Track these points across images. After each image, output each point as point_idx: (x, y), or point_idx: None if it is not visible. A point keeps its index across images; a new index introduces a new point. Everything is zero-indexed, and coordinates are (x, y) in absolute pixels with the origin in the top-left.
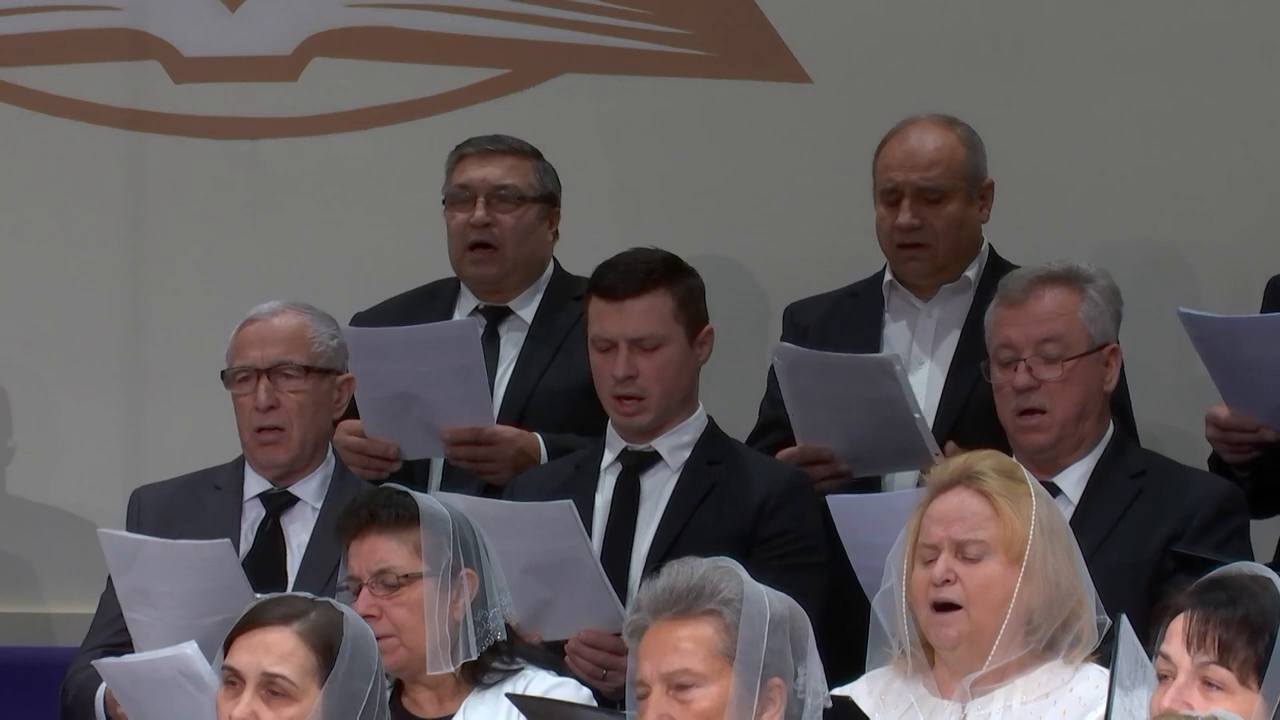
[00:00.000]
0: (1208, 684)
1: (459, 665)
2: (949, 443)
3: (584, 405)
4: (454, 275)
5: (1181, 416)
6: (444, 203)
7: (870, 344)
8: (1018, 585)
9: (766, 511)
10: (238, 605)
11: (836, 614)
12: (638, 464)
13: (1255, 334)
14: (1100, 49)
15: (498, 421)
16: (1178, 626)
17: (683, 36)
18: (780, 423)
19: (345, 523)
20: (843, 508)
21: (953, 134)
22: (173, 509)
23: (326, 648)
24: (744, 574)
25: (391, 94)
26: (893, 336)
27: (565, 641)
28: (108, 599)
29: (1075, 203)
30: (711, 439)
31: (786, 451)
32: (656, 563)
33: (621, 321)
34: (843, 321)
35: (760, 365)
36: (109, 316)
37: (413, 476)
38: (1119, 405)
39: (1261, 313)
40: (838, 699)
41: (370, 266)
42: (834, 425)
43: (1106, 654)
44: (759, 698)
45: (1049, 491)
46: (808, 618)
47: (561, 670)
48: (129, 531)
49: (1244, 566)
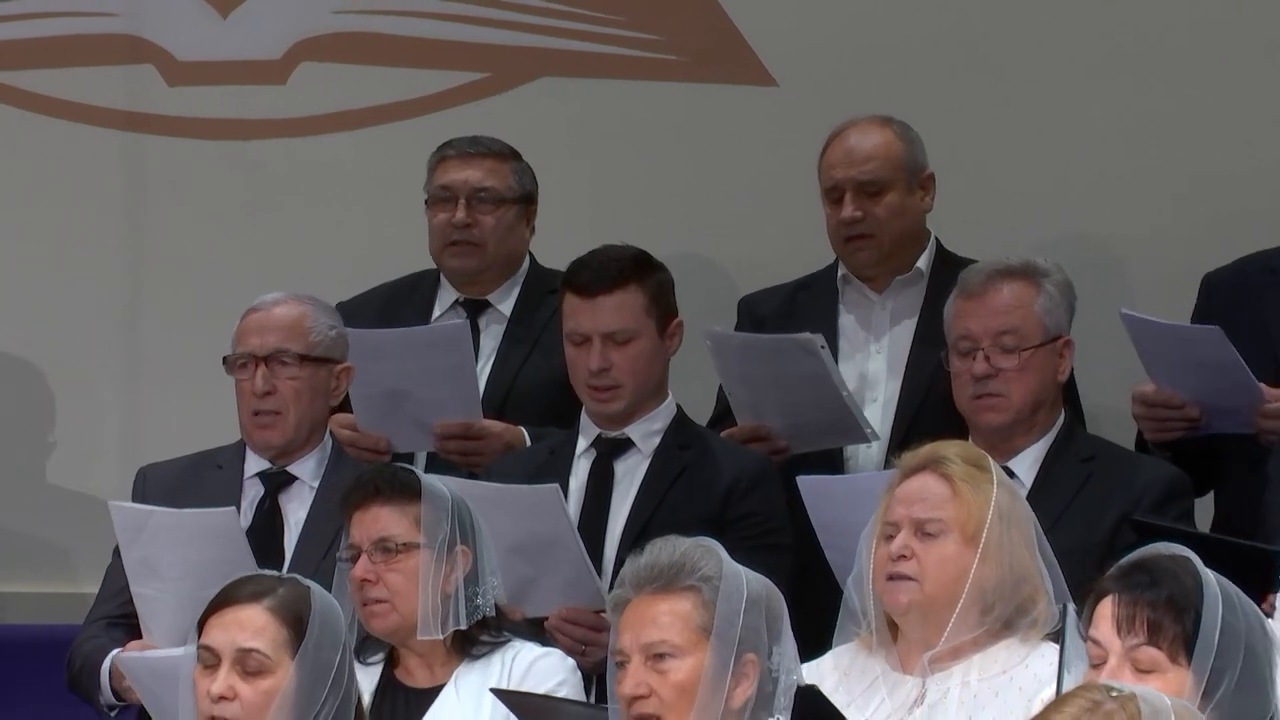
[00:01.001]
0: (1138, 666)
1: (448, 634)
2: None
3: (562, 397)
4: (434, 268)
5: (1124, 400)
6: (426, 201)
7: (826, 335)
8: (973, 565)
9: (735, 494)
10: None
11: (802, 593)
12: (611, 449)
13: (1195, 341)
14: (1055, 53)
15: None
16: (1105, 611)
17: (653, 42)
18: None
19: (351, 495)
20: (812, 488)
21: (888, 130)
22: (177, 486)
23: (297, 621)
24: (724, 554)
25: (376, 96)
26: (847, 328)
27: (545, 618)
28: (113, 571)
29: (1028, 199)
30: (681, 425)
31: (729, 431)
32: (630, 543)
33: (595, 317)
34: (798, 312)
35: None
36: (109, 309)
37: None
38: (1068, 391)
39: (1195, 308)
40: (804, 688)
41: (356, 259)
42: (770, 404)
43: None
44: (733, 672)
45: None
46: (783, 599)
47: (547, 644)
48: None
49: (1161, 548)
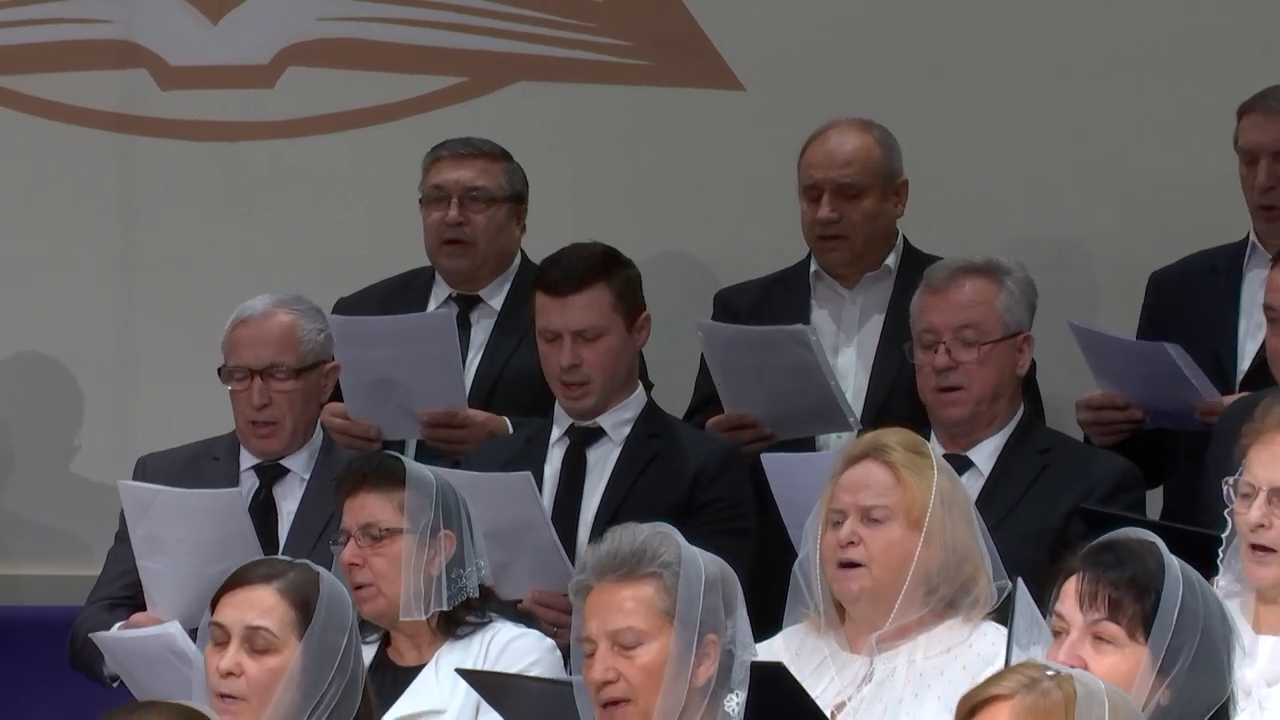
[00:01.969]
0: (1099, 639)
1: (430, 616)
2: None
3: (548, 388)
4: (429, 265)
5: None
6: (420, 200)
7: None
8: (918, 548)
9: (702, 481)
10: (244, 553)
11: (763, 575)
12: (584, 438)
13: (1139, 354)
14: (1017, 57)
15: (469, 404)
16: (1070, 587)
17: (626, 48)
18: (714, 398)
19: (341, 483)
20: (775, 466)
21: (869, 135)
22: (176, 475)
23: (304, 604)
24: (681, 539)
25: (360, 100)
26: (819, 322)
27: (519, 600)
28: (114, 555)
29: (992, 199)
30: (651, 415)
31: (715, 419)
32: (602, 528)
33: (565, 315)
34: (772, 307)
35: (696, 347)
36: (105, 303)
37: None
38: (1029, 385)
39: (1143, 305)
40: (767, 664)
41: (341, 255)
42: (757, 393)
43: (1004, 614)
44: (696, 652)
45: (964, 464)
46: (737, 578)
47: (529, 625)
48: None
49: (1130, 532)
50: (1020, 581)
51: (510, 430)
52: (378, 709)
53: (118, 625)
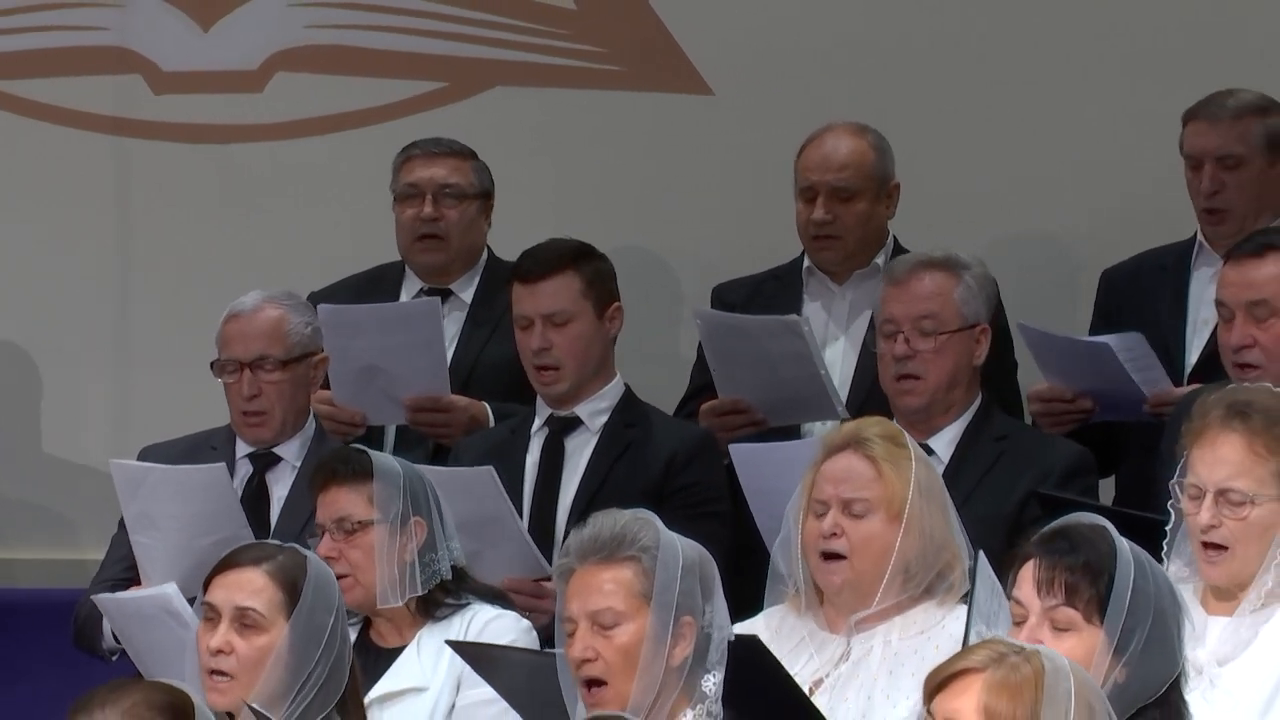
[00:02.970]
0: (1055, 625)
1: (407, 600)
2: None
3: (520, 376)
4: (399, 260)
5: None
6: (394, 198)
7: None
8: (898, 540)
9: (675, 467)
10: (231, 527)
11: (740, 558)
12: (562, 428)
13: (1085, 353)
14: (983, 59)
15: None
16: (1027, 574)
17: (600, 54)
18: (708, 385)
19: (314, 479)
20: (743, 456)
21: (864, 140)
22: (176, 464)
23: (292, 585)
24: (660, 525)
25: (346, 104)
26: (811, 315)
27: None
28: (116, 540)
29: (961, 199)
30: (627, 404)
31: (709, 404)
32: (579, 514)
33: (535, 300)
34: (767, 301)
35: (672, 340)
36: (100, 300)
37: (370, 439)
38: (1008, 382)
39: (1095, 302)
40: (743, 637)
41: (328, 251)
42: (750, 380)
43: None
44: (672, 633)
45: (924, 451)
46: (715, 563)
47: (504, 606)
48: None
49: (1081, 517)
50: (981, 554)
51: (491, 415)
52: (364, 687)
53: None
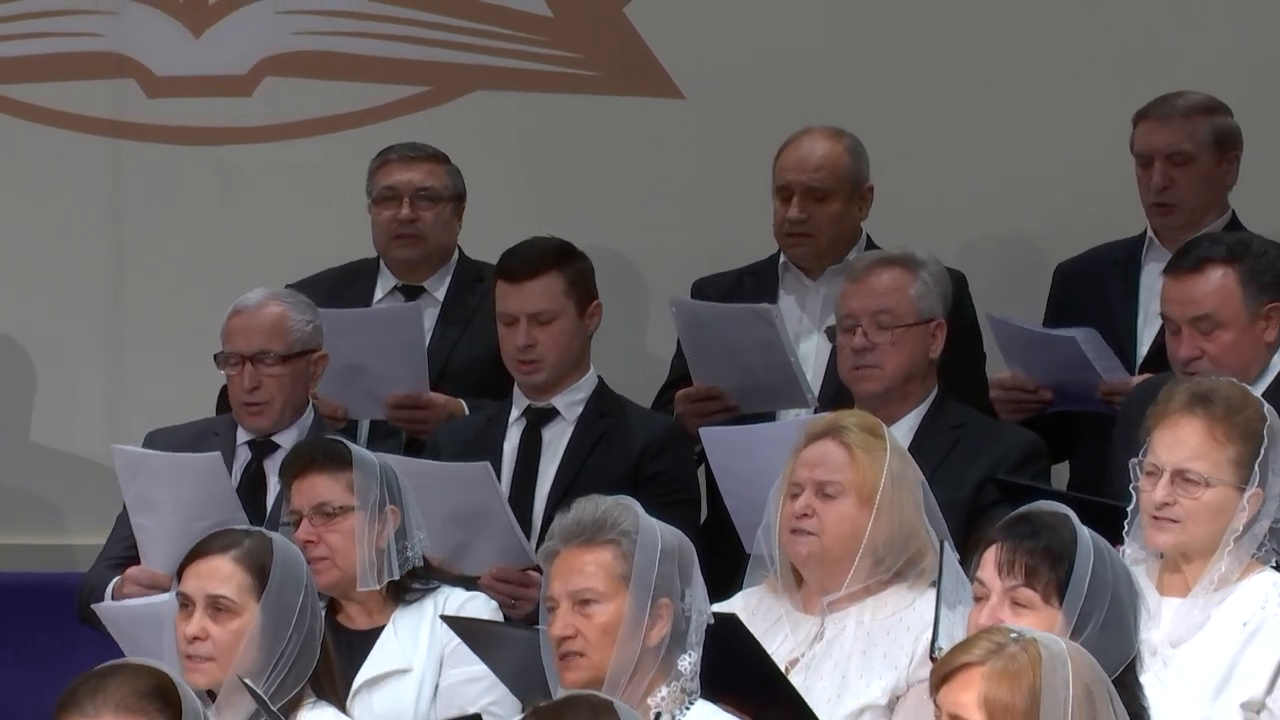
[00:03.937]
0: (1016, 603)
1: (384, 584)
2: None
3: (491, 372)
4: (374, 257)
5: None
6: (371, 200)
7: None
8: (869, 523)
9: (648, 456)
10: (226, 512)
11: (712, 536)
12: (539, 418)
13: (1049, 344)
14: (951, 66)
15: None
16: (990, 556)
17: (576, 59)
18: (686, 375)
19: (289, 465)
20: (712, 438)
21: (840, 144)
22: (180, 449)
23: (260, 569)
24: (640, 510)
25: (332, 107)
26: (786, 309)
27: (478, 576)
28: (119, 521)
29: (936, 200)
30: (601, 396)
31: (684, 391)
32: (556, 502)
33: (521, 300)
34: (744, 295)
35: (641, 334)
36: (96, 296)
37: (345, 430)
38: (977, 376)
39: (1049, 296)
40: (722, 615)
41: (314, 248)
42: (724, 367)
43: None
44: (649, 614)
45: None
46: (694, 548)
47: (471, 587)
48: None
49: (1044, 504)
50: (947, 545)
51: (467, 411)
52: (338, 664)
53: (114, 581)
